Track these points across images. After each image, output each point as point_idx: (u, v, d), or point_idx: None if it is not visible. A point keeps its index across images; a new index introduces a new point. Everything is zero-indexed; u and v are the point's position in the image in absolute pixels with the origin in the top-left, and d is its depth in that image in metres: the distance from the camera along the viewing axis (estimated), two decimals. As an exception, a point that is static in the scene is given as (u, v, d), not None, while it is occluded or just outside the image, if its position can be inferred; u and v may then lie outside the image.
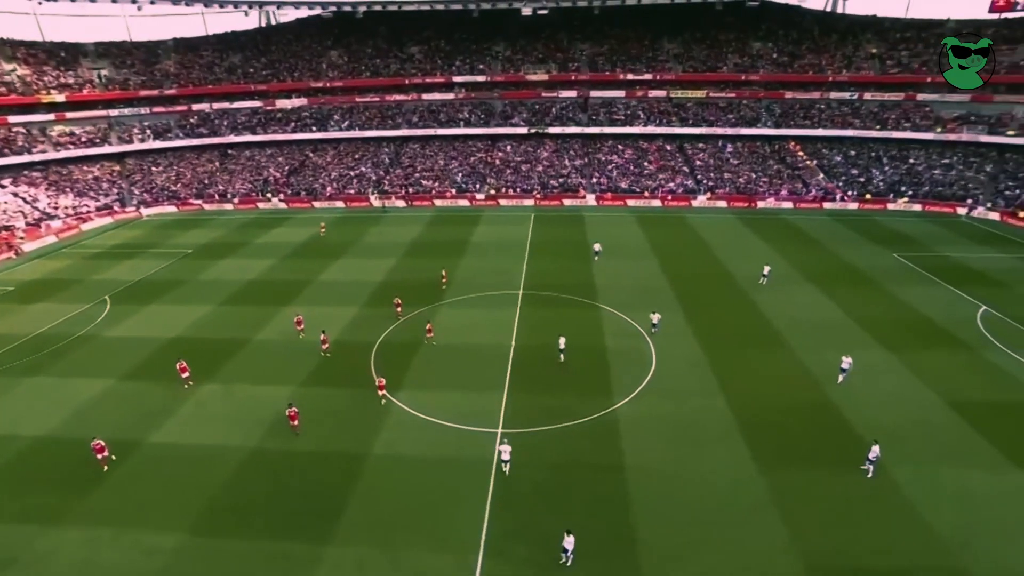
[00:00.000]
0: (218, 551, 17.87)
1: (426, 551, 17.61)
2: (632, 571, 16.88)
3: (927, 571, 16.83)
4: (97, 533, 18.65)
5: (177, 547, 17.95)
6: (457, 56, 75.91)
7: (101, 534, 18.61)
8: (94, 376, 28.29)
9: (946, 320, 32.19)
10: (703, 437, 22.82)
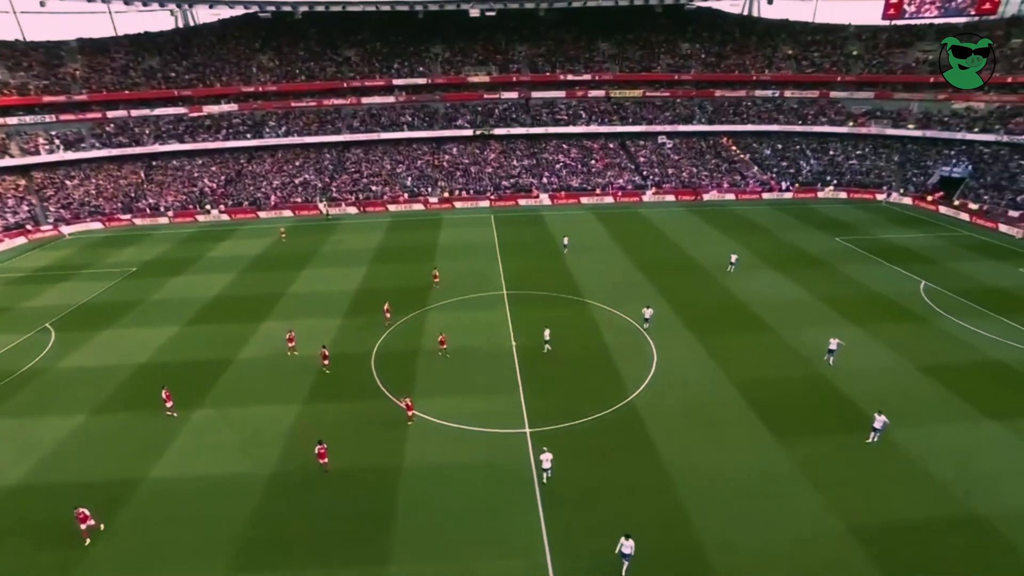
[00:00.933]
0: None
1: (493, 558, 17.37)
2: (696, 550, 17.48)
3: (947, 521, 18.61)
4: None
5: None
6: (395, 58, 74.58)
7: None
8: (59, 413, 25.54)
9: (896, 295, 35.51)
10: (720, 419, 23.95)
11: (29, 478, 21.48)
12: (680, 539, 17.95)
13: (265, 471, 21.35)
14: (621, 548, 16.39)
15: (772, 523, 18.54)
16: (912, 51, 71.89)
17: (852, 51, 74.99)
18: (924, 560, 17.23)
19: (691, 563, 17.11)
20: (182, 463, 22.02)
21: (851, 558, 17.28)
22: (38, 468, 22.01)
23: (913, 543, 17.78)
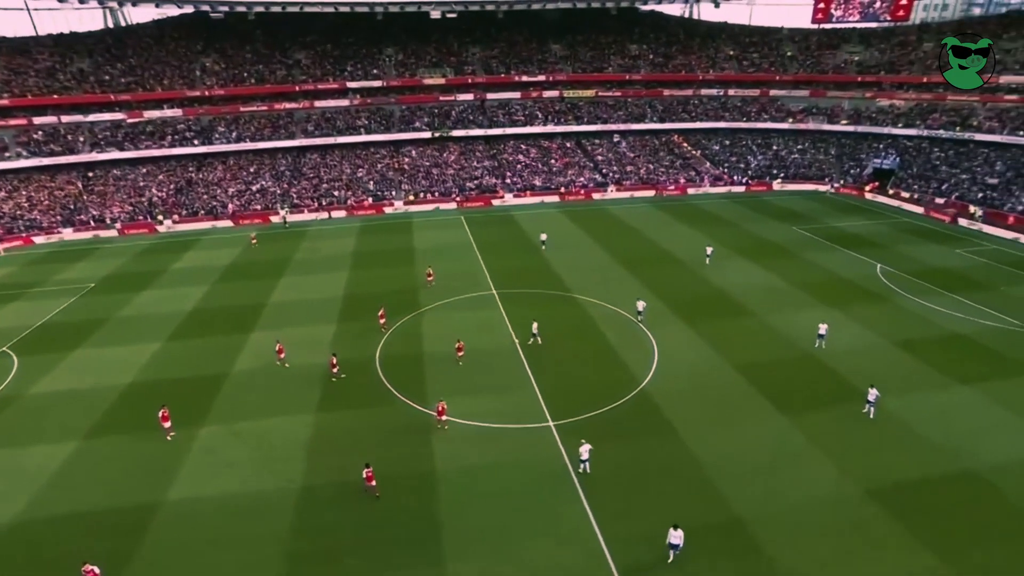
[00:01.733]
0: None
1: (548, 548, 17.74)
2: (739, 525, 18.51)
3: (951, 478, 20.55)
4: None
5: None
6: (348, 61, 73.20)
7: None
8: (47, 441, 23.81)
9: (858, 278, 38.40)
10: (728, 399, 25.31)
11: (32, 511, 19.98)
12: (721, 516, 18.94)
13: (293, 486, 20.77)
14: (670, 539, 16.81)
15: (797, 492, 19.89)
16: (840, 52, 77.33)
17: (787, 52, 79.83)
18: (933, 512, 19.00)
19: (737, 537, 18.11)
20: (200, 484, 21.07)
21: (873, 517, 18.81)
22: (39, 500, 20.49)
23: (921, 498, 19.56)
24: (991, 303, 34.48)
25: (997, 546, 17.80)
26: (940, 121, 65.26)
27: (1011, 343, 29.83)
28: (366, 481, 19.66)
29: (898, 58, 72.79)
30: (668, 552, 16.97)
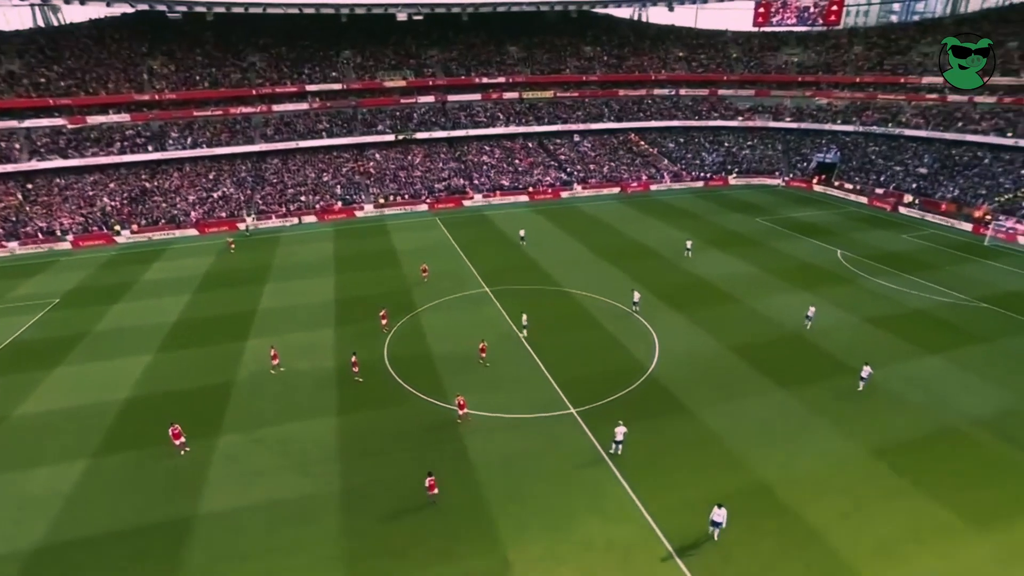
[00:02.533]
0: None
1: (600, 525, 18.64)
2: (767, 489, 20.02)
3: (937, 434, 22.93)
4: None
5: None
6: (305, 64, 71.70)
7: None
8: (51, 463, 22.67)
9: (823, 263, 41.39)
10: (731, 378, 27.04)
11: (54, 535, 19.08)
12: (748, 481, 20.43)
13: (333, 488, 20.75)
14: (713, 517, 17.74)
15: (810, 455, 21.69)
16: (781, 54, 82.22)
17: (732, 54, 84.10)
18: (927, 463, 21.25)
19: (766, 499, 19.61)
20: (233, 494, 20.68)
21: (879, 472, 20.81)
22: (60, 523, 19.58)
23: (916, 453, 21.79)
24: (940, 281, 38.03)
25: (981, 487, 20.19)
26: (873, 118, 70.62)
27: (963, 315, 33.13)
28: (428, 489, 19.39)
29: (833, 60, 78.15)
30: (711, 529, 17.94)
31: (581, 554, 17.67)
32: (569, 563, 17.38)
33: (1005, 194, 53.28)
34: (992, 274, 39.46)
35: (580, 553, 17.71)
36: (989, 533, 18.32)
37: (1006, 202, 51.91)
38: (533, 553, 17.74)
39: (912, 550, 17.68)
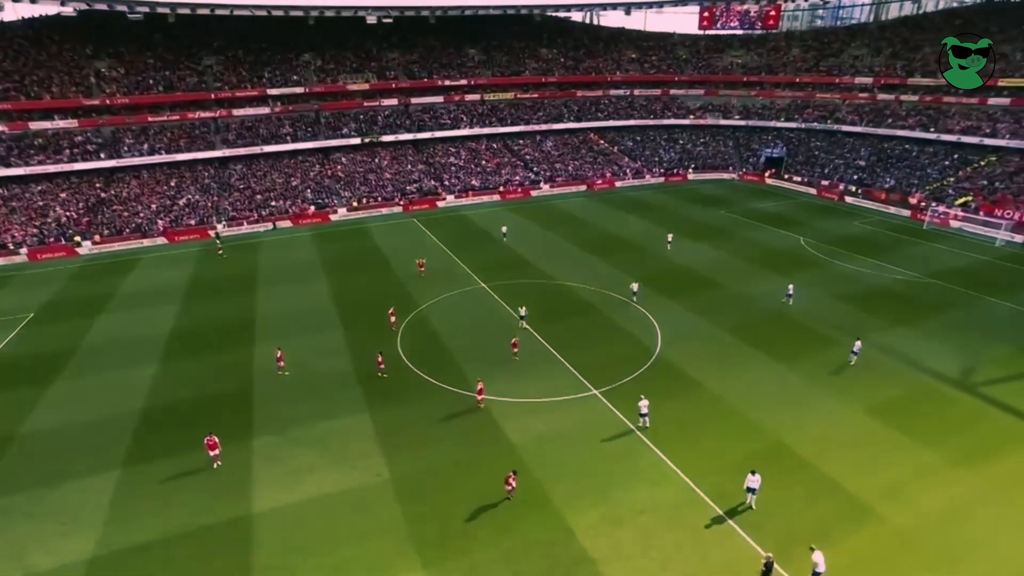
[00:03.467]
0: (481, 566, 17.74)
1: (647, 491, 20.23)
2: (787, 449, 22.22)
3: (918, 392, 25.94)
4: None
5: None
6: (264, 67, 70.26)
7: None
8: (80, 476, 22.10)
9: (790, 249, 44.88)
10: (732, 355, 29.40)
11: (109, 544, 18.84)
12: (767, 442, 22.63)
13: (383, 478, 21.40)
14: (748, 483, 19.30)
15: (814, 417, 24.23)
16: (726, 56, 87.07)
17: (681, 56, 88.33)
18: (915, 417, 24.06)
19: (787, 457, 21.83)
20: (284, 492, 20.93)
21: (875, 427, 23.49)
22: (111, 532, 19.33)
23: (904, 409, 24.61)
24: (893, 261, 42.12)
25: (960, 433, 23.30)
26: (813, 115, 76.15)
27: (918, 291, 37.03)
28: (508, 485, 19.88)
29: (773, 61, 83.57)
30: (746, 495, 19.53)
31: (635, 517, 19.20)
32: (626, 526, 18.87)
33: (934, 183, 58.96)
34: (934, 254, 43.99)
35: (633, 516, 19.23)
36: (974, 469, 21.18)
37: (935, 190, 57.50)
38: (591, 519, 19.13)
39: (915, 488, 20.26)
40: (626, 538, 18.42)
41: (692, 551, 17.90)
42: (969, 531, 18.60)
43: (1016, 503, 19.76)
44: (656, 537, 18.45)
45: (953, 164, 60.96)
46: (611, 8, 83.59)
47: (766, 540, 18.09)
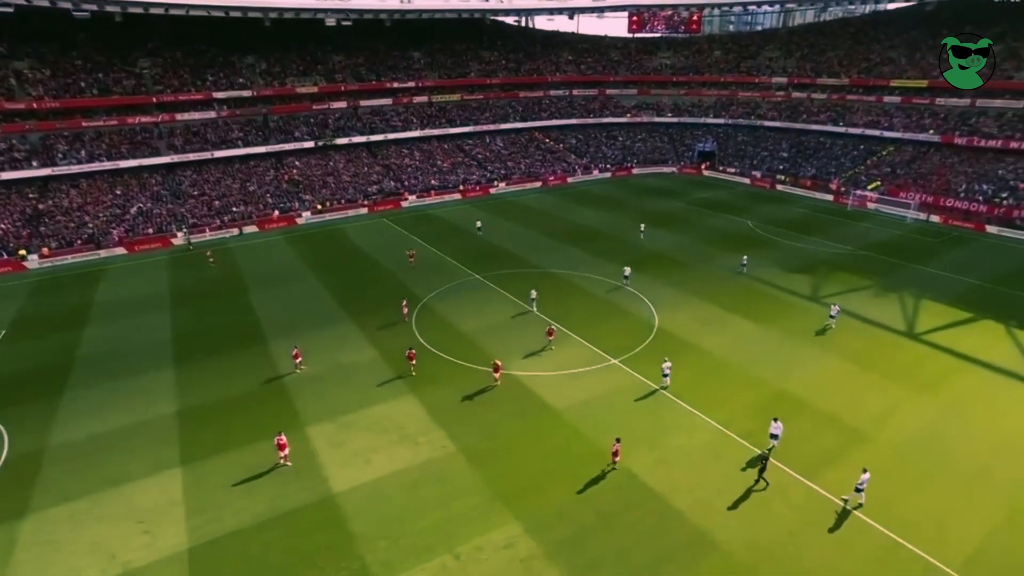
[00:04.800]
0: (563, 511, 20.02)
1: (686, 436, 23.27)
2: (791, 395, 26.03)
3: (881, 342, 30.81)
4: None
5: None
6: (207, 70, 68.01)
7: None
8: (145, 475, 22.09)
9: (742, 232, 50.06)
10: (719, 321, 33.44)
11: (199, 535, 19.30)
12: (771, 391, 26.41)
13: (449, 450, 23.05)
14: (772, 430, 22.36)
15: (801, 366, 28.54)
16: (656, 58, 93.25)
17: (614, 57, 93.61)
18: (883, 361, 28.78)
19: (789, 401, 25.62)
20: (356, 472, 21.96)
21: (854, 372, 27.95)
22: (200, 523, 19.74)
23: (871, 355, 29.31)
24: (831, 238, 48.27)
25: (919, 368, 28.30)
26: (737, 112, 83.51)
27: (858, 262, 43.01)
28: (614, 455, 21.45)
29: (699, 62, 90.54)
30: (770, 441, 22.68)
31: (682, 458, 22.18)
32: (677, 465, 21.80)
33: (848, 171, 66.97)
34: (861, 231, 50.68)
35: (681, 457, 22.21)
36: (932, 396, 25.99)
37: (850, 177, 65.38)
38: (646, 463, 21.90)
39: (896, 414, 24.68)
40: (680, 475, 21.32)
41: (737, 480, 21.08)
42: (948, 435, 23.13)
43: (966, 415, 24.70)
44: (704, 473, 21.50)
45: (861, 154, 69.37)
46: (557, 13, 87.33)
47: (793, 464, 21.61)
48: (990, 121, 61.99)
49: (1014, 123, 60.29)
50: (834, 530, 18.96)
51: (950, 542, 18.39)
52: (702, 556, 18.10)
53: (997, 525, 19.09)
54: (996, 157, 59.48)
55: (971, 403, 25.72)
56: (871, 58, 75.82)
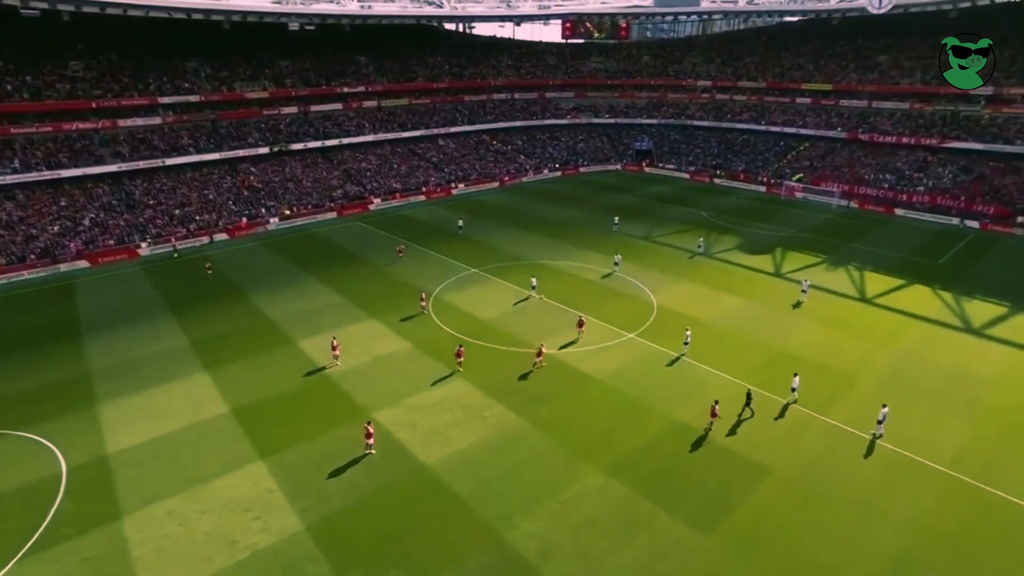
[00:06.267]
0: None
1: (715, 390, 26.98)
2: (789, 355, 30.58)
3: (838, 307, 36.36)
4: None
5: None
6: (148, 73, 65.03)
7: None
8: (228, 471, 22.54)
9: (698, 219, 55.57)
10: (706, 297, 37.91)
11: (312, 514, 20.43)
12: (771, 353, 30.88)
13: (516, 421, 25.27)
14: (793, 384, 26.35)
15: (792, 331, 33.28)
16: (590, 62, 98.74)
17: (551, 62, 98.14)
18: (846, 324, 34.21)
19: (789, 358, 30.14)
20: (439, 446, 23.56)
21: (832, 334, 33.06)
22: (305, 506, 20.79)
23: (838, 319, 34.70)
24: (775, 223, 54.75)
25: (875, 329, 33.76)
26: (669, 113, 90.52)
27: (802, 243, 49.35)
28: (711, 415, 24.24)
29: (630, 67, 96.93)
30: (791, 393, 26.67)
31: (720, 407, 25.84)
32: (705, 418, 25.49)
33: (773, 165, 75.07)
34: (798, 217, 57.74)
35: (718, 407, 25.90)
36: (893, 345, 31.64)
37: (776, 170, 73.39)
38: (689, 414, 25.41)
39: (871, 361, 29.92)
40: (722, 423, 24.95)
41: (767, 422, 25.08)
42: (912, 373, 28.55)
43: (921, 357, 30.49)
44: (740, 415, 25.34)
45: (781, 149, 77.90)
46: (508, 20, 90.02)
47: (808, 405, 25.92)
48: (885, 120, 71.99)
49: (904, 122, 70.48)
50: (849, 451, 23.32)
51: (937, 447, 23.27)
52: (758, 479, 21.77)
53: (966, 431, 24.29)
54: (892, 151, 69.27)
55: (922, 349, 31.49)
56: (783, 64, 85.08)
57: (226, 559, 18.74)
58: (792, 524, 19.79)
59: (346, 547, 19.12)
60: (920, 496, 20.99)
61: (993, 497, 20.97)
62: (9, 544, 19.42)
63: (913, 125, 69.25)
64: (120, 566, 18.58)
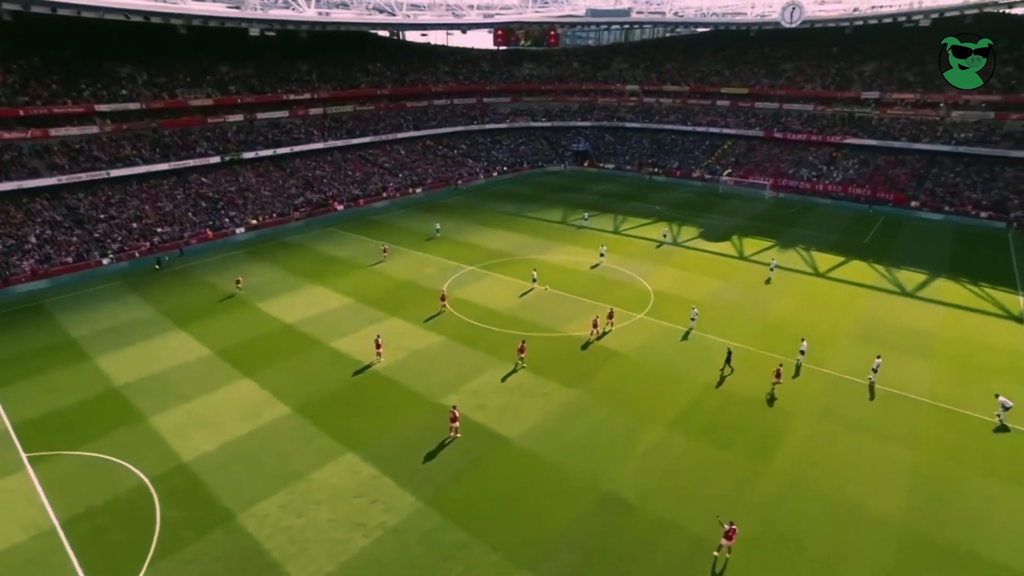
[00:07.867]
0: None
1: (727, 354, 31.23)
2: (778, 327, 35.51)
3: (802, 282, 42.14)
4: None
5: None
6: (79, 79, 60.77)
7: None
8: (318, 467, 23.24)
9: (655, 213, 60.68)
10: (692, 280, 42.37)
11: (425, 497, 21.95)
12: (769, 320, 35.80)
13: (574, 394, 28.09)
14: (801, 348, 30.89)
15: (772, 304, 38.44)
16: (523, 68, 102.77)
17: (486, 68, 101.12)
18: (808, 295, 39.98)
19: (782, 327, 35.07)
20: (514, 423, 25.80)
21: (804, 303, 38.60)
22: (419, 486, 22.21)
23: (812, 291, 40.45)
24: (721, 213, 61.10)
25: (836, 297, 39.68)
26: (601, 115, 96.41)
27: (751, 230, 55.67)
28: (776, 377, 28.00)
29: (561, 72, 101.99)
30: (799, 356, 31.38)
31: (739, 366, 29.94)
32: (739, 372, 29.53)
33: (703, 162, 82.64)
34: (739, 207, 64.57)
35: (738, 366, 29.96)
36: (853, 310, 37.58)
37: (707, 167, 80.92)
38: (711, 379, 29.31)
39: (840, 325, 35.44)
40: (744, 379, 29.10)
41: (787, 375, 29.49)
42: (874, 331, 34.32)
43: (876, 319, 36.48)
44: (756, 374, 29.59)
45: (707, 148, 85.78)
46: (456, 28, 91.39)
47: (808, 361, 30.68)
48: (795, 120, 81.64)
49: (811, 122, 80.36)
50: (853, 394, 28.27)
51: (914, 385, 28.78)
52: (788, 424, 25.98)
53: (930, 371, 30.15)
54: (803, 147, 78.76)
55: (876, 311, 37.68)
56: (702, 69, 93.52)
57: (362, 539, 19.95)
58: (832, 450, 24.12)
59: (470, 514, 20.94)
60: (913, 421, 26.11)
61: (964, 416, 26.49)
62: (130, 554, 19.48)
63: (819, 124, 79.19)
64: (260, 558, 19.27)
